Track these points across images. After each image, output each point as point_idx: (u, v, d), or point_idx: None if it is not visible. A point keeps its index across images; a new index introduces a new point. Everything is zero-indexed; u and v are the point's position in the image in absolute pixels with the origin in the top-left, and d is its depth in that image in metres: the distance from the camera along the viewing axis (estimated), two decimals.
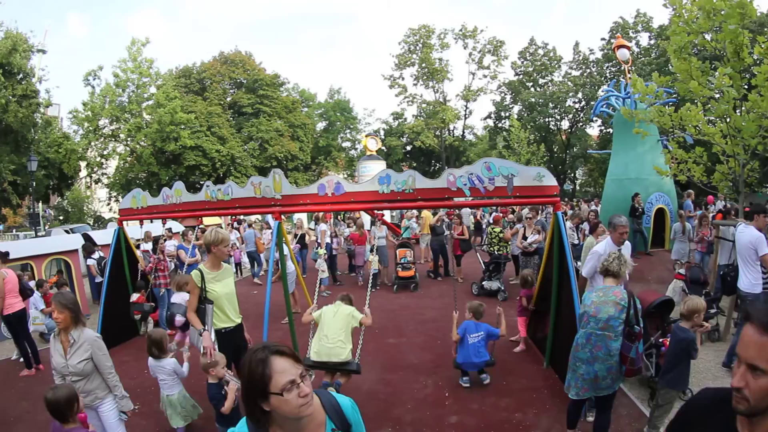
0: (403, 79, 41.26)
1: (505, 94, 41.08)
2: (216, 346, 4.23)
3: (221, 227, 5.66)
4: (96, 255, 9.95)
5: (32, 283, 8.87)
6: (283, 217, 6.44)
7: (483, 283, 9.71)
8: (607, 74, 35.57)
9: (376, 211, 10.89)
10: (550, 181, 5.29)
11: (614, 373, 3.81)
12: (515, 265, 10.54)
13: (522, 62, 39.67)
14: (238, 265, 13.91)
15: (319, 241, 11.14)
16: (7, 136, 22.67)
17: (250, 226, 14.17)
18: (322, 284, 10.88)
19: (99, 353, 3.55)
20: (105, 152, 31.08)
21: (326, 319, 5.02)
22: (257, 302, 8.42)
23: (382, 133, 41.31)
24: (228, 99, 35.42)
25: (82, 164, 30.14)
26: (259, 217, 8.60)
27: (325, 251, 10.30)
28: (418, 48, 39.82)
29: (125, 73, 29.03)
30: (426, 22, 40.36)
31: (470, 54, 40.57)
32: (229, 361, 4.35)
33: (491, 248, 10.17)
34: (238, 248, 13.82)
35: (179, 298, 6.35)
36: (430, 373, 5.91)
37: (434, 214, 12.43)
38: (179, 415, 4.58)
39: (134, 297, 7.96)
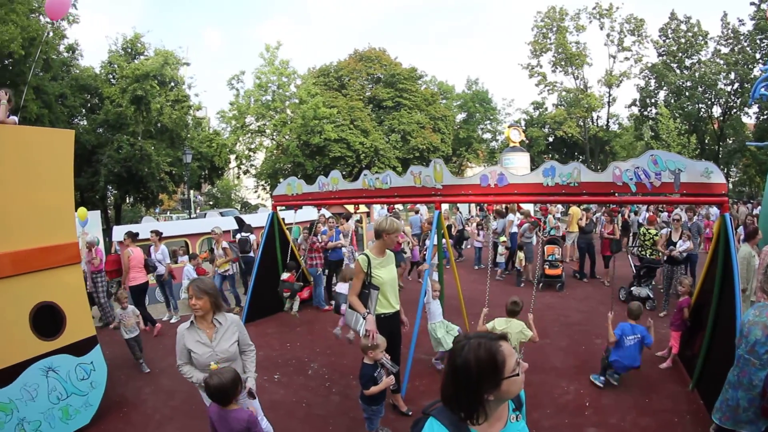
0: (540, 66, 39.06)
1: (649, 78, 37.03)
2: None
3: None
4: (240, 234, 10.81)
5: (185, 258, 10.73)
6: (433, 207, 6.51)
7: (632, 288, 9.06)
8: (764, 48, 30.73)
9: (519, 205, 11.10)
10: (719, 178, 4.76)
11: (756, 407, 3.34)
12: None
13: (664, 41, 35.71)
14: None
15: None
16: (163, 135, 27.29)
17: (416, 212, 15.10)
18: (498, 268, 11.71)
19: (244, 333, 3.64)
20: (252, 146, 34.24)
21: (500, 329, 5.06)
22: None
23: (522, 123, 39.74)
24: (367, 94, 36.70)
25: (232, 157, 33.60)
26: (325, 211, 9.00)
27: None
28: (552, 32, 37.53)
29: (265, 75, 31.66)
30: (557, 4, 37.81)
31: (608, 35, 37.12)
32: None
33: (642, 251, 9.37)
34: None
35: (344, 288, 6.75)
36: (572, 379, 5.72)
37: (586, 210, 11.96)
38: None
39: (285, 276, 8.51)
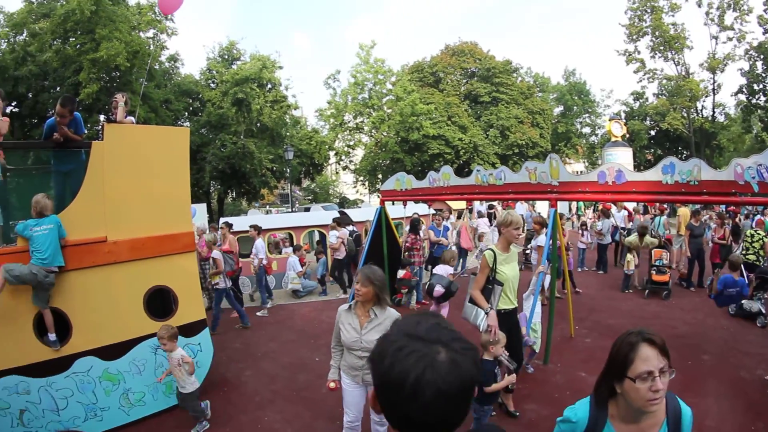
0: (638, 52, 35.05)
1: (756, 60, 31.84)
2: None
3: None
4: (348, 228, 11.12)
5: (290, 249, 11.16)
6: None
7: (743, 301, 7.80)
8: None
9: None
10: None
11: None
12: None
13: None
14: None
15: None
16: (264, 133, 29.01)
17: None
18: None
19: None
20: (351, 143, 35.08)
21: None
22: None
23: (623, 115, 36.89)
24: (463, 89, 36.35)
25: (331, 153, 34.85)
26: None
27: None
28: (647, 14, 33.60)
29: (361, 74, 32.38)
30: None
31: (707, 13, 32.37)
32: None
33: (748, 255, 8.58)
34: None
35: (442, 270, 6.79)
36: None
37: (696, 213, 10.97)
38: None
39: (401, 273, 8.65)
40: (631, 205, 13.57)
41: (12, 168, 5.59)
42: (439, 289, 6.57)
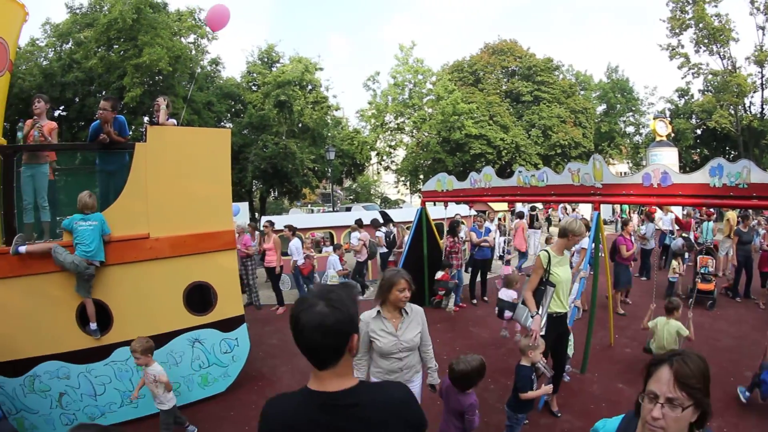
0: (682, 46, 32.44)
1: None
2: (544, 330, 4.38)
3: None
4: (384, 229, 11.34)
5: (330, 248, 11.21)
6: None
7: None
8: None
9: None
10: None
11: None
12: None
13: None
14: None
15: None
16: (305, 134, 29.42)
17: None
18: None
19: (426, 325, 3.62)
20: (392, 143, 35.12)
21: (660, 328, 5.43)
22: None
23: (667, 114, 34.86)
24: (504, 88, 35.80)
25: (373, 153, 35.12)
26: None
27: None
28: (689, 5, 31.36)
29: (401, 74, 32.41)
30: None
31: (752, 1, 29.81)
32: (548, 348, 4.37)
33: None
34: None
35: (506, 294, 6.70)
36: (716, 416, 4.88)
37: (745, 218, 10.37)
38: None
39: (439, 275, 8.59)
40: (677, 210, 13.13)
41: (60, 168, 5.94)
42: (508, 314, 6.50)
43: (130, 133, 5.86)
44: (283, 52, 30.79)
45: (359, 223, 10.98)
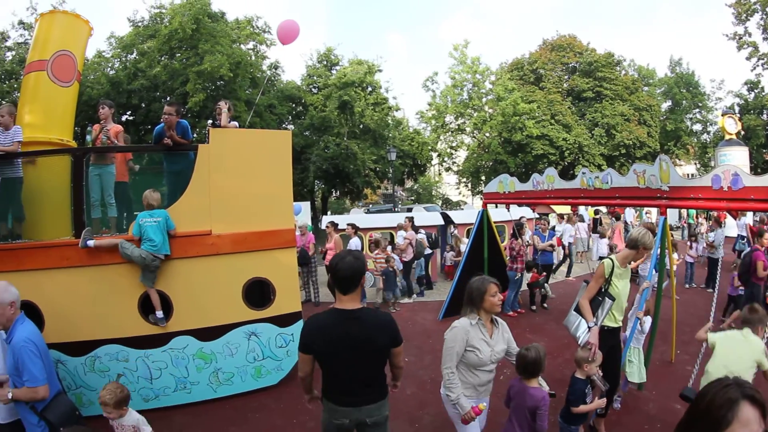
0: (749, 34, 29.32)
1: None
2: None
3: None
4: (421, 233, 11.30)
5: (389, 248, 10.95)
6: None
7: None
8: None
9: None
10: None
11: None
12: None
13: None
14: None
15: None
16: (366, 135, 29.90)
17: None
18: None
19: (511, 335, 3.56)
20: (453, 144, 34.96)
21: (729, 348, 3.90)
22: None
23: (736, 109, 32.55)
24: (565, 86, 34.82)
25: (434, 154, 35.10)
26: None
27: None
28: None
29: (459, 74, 32.07)
30: None
31: None
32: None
33: None
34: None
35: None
36: None
37: None
38: None
39: (528, 276, 8.57)
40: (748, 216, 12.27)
41: (133, 168, 6.43)
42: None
43: (195, 135, 6.22)
44: (342, 55, 31.54)
45: (411, 221, 11.03)
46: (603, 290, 4.28)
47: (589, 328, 4.13)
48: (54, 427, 3.27)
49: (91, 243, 4.90)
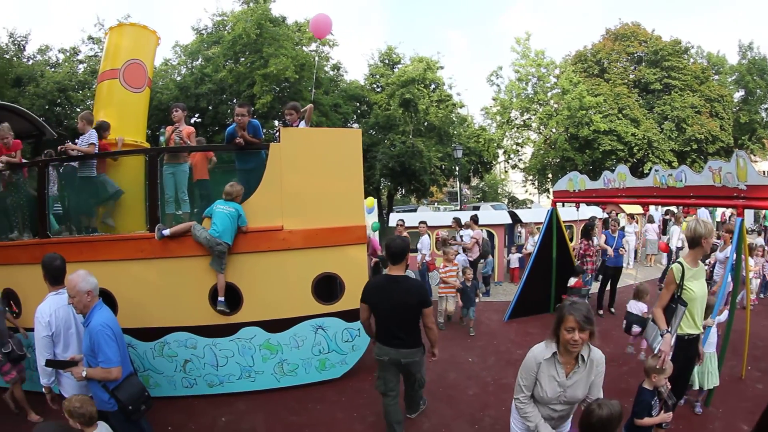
0: None
1: None
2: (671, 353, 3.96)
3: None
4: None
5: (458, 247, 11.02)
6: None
7: None
8: None
9: None
10: None
11: None
12: None
13: None
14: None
15: None
16: (432, 132, 29.93)
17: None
18: None
19: (601, 376, 3.04)
20: (519, 140, 34.22)
21: None
22: None
23: None
24: (631, 77, 32.99)
25: (500, 151, 34.52)
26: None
27: None
28: None
29: (523, 68, 31.49)
30: None
31: None
32: (674, 372, 3.91)
33: None
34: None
35: (635, 307, 6.39)
36: None
37: None
38: None
39: (572, 281, 8.23)
40: None
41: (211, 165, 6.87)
42: (636, 329, 6.18)
43: (263, 135, 6.58)
44: (403, 53, 31.59)
45: (474, 220, 10.96)
46: (675, 297, 4.11)
47: (662, 335, 3.99)
48: (123, 405, 3.58)
49: (166, 232, 5.30)
